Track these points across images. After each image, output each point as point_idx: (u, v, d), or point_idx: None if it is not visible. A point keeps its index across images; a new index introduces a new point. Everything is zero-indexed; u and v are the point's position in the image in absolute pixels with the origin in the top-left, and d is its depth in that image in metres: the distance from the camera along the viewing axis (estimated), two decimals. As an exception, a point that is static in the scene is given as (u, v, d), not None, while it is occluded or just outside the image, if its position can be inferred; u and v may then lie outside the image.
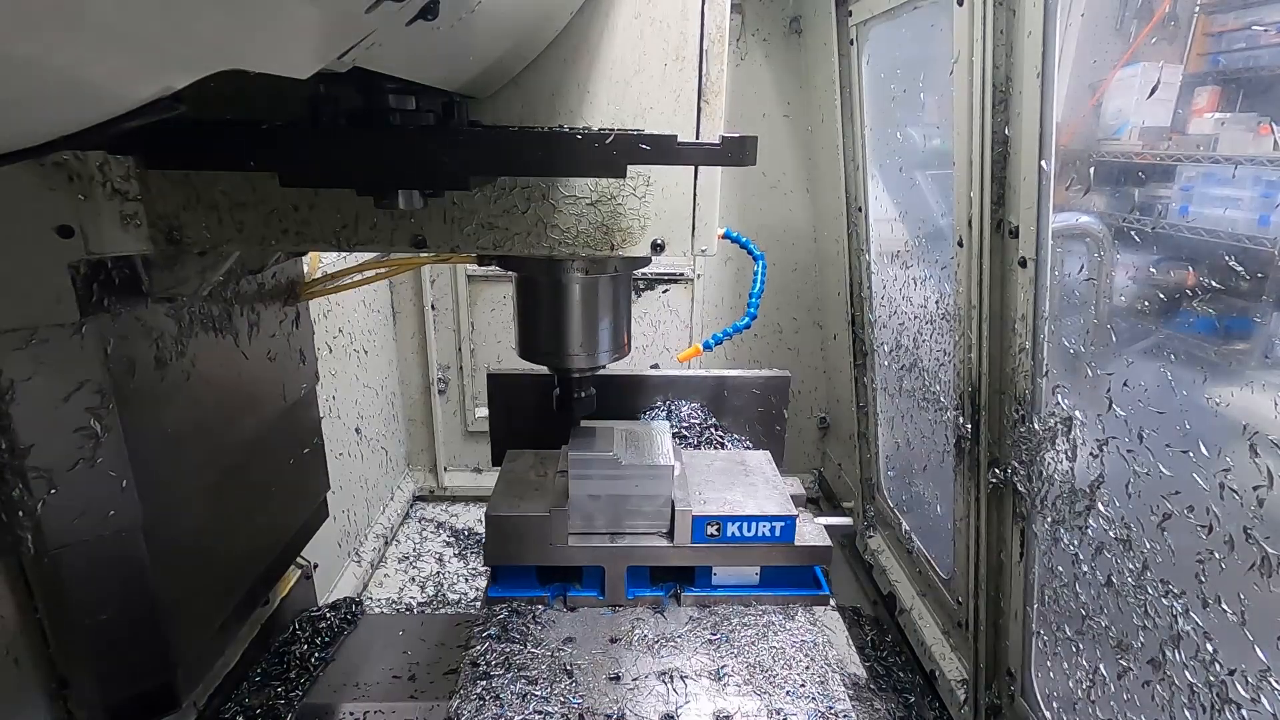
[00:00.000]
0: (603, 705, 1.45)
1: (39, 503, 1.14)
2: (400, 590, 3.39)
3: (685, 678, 1.52)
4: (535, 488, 1.84)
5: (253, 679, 1.78)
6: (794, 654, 1.60)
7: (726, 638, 1.65)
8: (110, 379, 1.18)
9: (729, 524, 1.71)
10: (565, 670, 1.54)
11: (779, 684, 1.51)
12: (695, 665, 1.56)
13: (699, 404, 2.21)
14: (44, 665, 1.23)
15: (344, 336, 3.18)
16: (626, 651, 1.60)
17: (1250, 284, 1.31)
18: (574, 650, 1.60)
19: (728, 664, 1.56)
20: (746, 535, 1.72)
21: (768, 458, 2.02)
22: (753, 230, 3.82)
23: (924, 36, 2.32)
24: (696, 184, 1.13)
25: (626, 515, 1.75)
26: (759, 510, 1.73)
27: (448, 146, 0.91)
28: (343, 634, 2.02)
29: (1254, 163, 1.52)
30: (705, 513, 1.71)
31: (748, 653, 1.60)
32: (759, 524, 1.72)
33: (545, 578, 1.79)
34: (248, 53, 0.55)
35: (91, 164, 1.02)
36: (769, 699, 1.47)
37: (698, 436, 2.17)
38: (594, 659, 1.57)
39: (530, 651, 1.59)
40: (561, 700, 1.46)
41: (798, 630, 1.67)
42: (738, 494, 1.80)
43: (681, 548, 1.72)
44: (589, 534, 1.74)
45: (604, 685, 1.50)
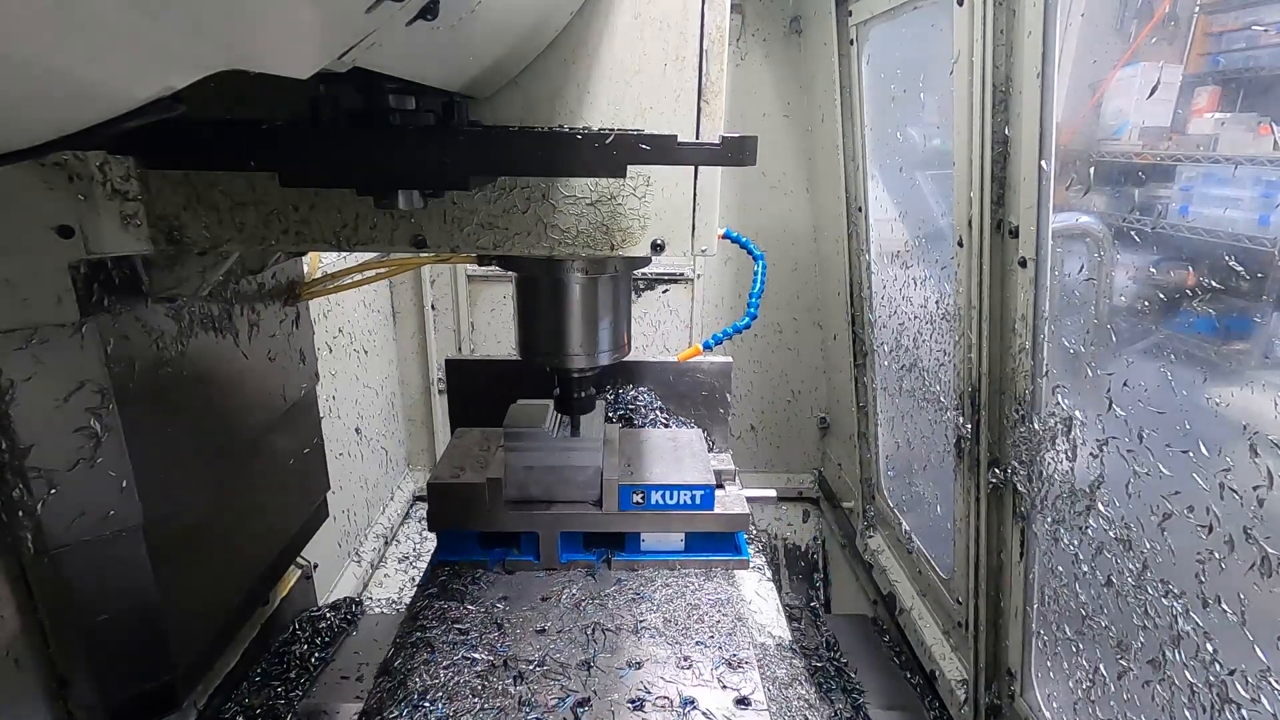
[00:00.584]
0: (526, 653, 1.56)
1: (39, 503, 1.14)
2: (400, 590, 3.39)
3: (606, 630, 1.64)
4: (478, 461, 1.97)
5: (253, 679, 1.78)
6: (707, 610, 1.72)
7: (648, 598, 1.77)
8: (110, 379, 1.18)
9: (653, 492, 1.85)
10: (496, 624, 1.65)
11: (690, 635, 1.63)
12: (617, 621, 1.67)
13: (646, 388, 2.36)
14: (44, 665, 1.23)
15: (344, 336, 3.18)
16: (555, 608, 1.72)
17: (1250, 284, 1.31)
18: (507, 607, 1.72)
19: (646, 619, 1.68)
20: (669, 503, 1.86)
21: (699, 435, 2.17)
22: (753, 230, 3.82)
23: (924, 36, 2.32)
24: (696, 184, 1.13)
25: (559, 485, 1.87)
26: (681, 480, 1.86)
27: (448, 146, 0.91)
28: (343, 634, 2.02)
29: (1254, 163, 1.53)
30: (631, 482, 1.84)
31: (665, 609, 1.72)
32: (680, 492, 1.86)
33: (487, 544, 1.91)
34: (248, 53, 0.55)
35: (91, 164, 1.02)
36: (679, 648, 1.59)
37: (643, 419, 2.30)
38: (524, 615, 1.69)
39: (465, 608, 1.71)
40: (489, 648, 1.58)
41: (713, 590, 1.80)
42: (665, 466, 1.93)
43: (609, 514, 1.85)
44: (525, 502, 1.87)
45: (530, 637, 1.62)
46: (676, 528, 1.88)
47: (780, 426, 4.27)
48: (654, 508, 1.86)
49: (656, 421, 2.31)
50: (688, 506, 1.86)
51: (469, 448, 2.05)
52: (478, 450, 2.03)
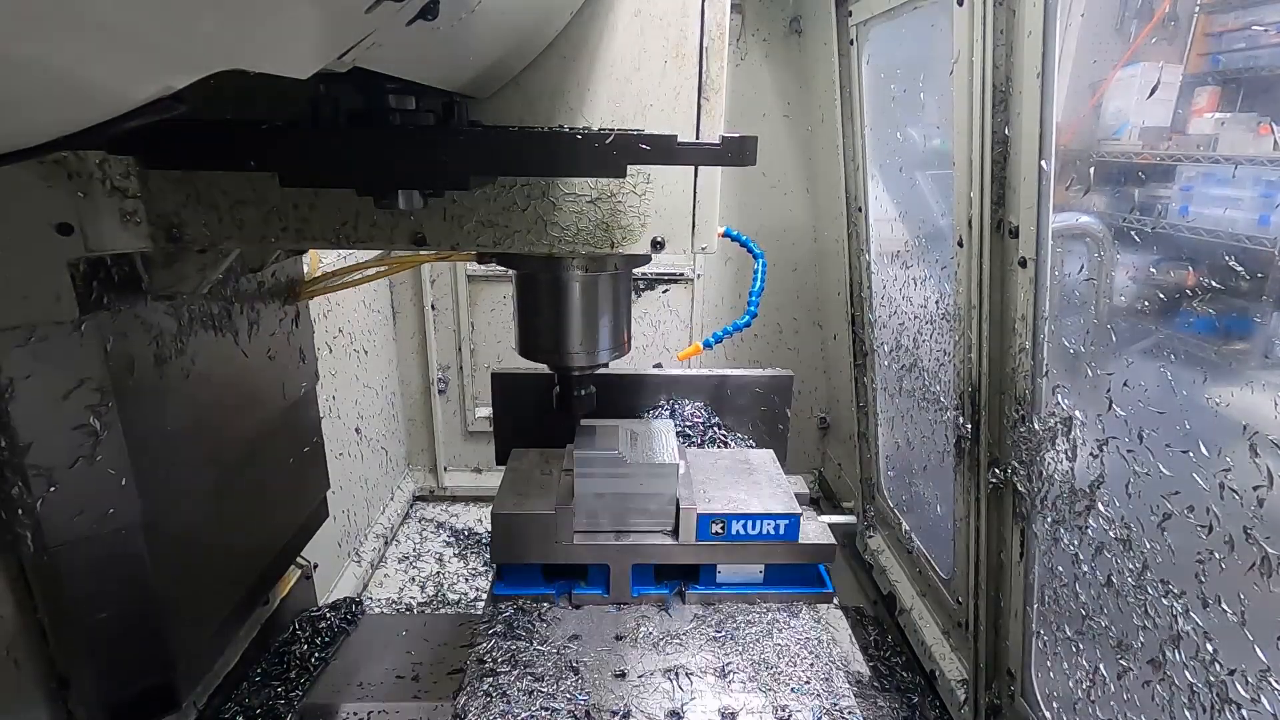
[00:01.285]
0: (609, 702, 1.45)
1: (38, 501, 1.14)
2: (400, 590, 3.39)
3: (690, 674, 1.53)
4: (540, 486, 1.85)
5: (253, 679, 1.78)
6: (798, 651, 1.60)
7: (731, 635, 1.65)
8: (110, 377, 1.18)
9: (734, 522, 1.72)
10: (571, 667, 1.54)
11: (784, 681, 1.52)
12: (700, 662, 1.57)
13: (702, 403, 2.22)
14: (44, 664, 1.23)
15: (344, 336, 3.18)
16: (632, 649, 1.60)
17: (1250, 284, 1.31)
18: (579, 647, 1.60)
19: (732, 661, 1.56)
20: (751, 533, 1.73)
21: (772, 456, 2.03)
22: (753, 230, 3.80)
23: (924, 36, 2.32)
24: (697, 182, 1.13)
25: (631, 513, 1.76)
26: (763, 508, 1.74)
27: (448, 146, 0.91)
28: (343, 634, 2.02)
29: (1254, 163, 1.52)
30: (710, 510, 1.72)
31: (752, 650, 1.60)
32: (763, 522, 1.73)
33: (550, 575, 1.80)
34: (248, 53, 0.55)
35: (91, 162, 1.02)
36: (774, 696, 1.47)
37: (701, 435, 2.18)
38: (599, 656, 1.58)
39: (536, 649, 1.60)
40: (568, 697, 1.46)
41: (801, 628, 1.68)
42: (742, 492, 1.81)
43: (686, 545, 1.73)
44: (594, 532, 1.75)
45: (610, 682, 1.50)
46: (757, 559, 1.76)
47: (780, 426, 4.27)
48: (734, 538, 1.73)
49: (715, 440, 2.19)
50: (770, 537, 1.74)
51: (529, 471, 1.93)
52: (539, 474, 1.90)
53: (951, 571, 2.51)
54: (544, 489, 1.82)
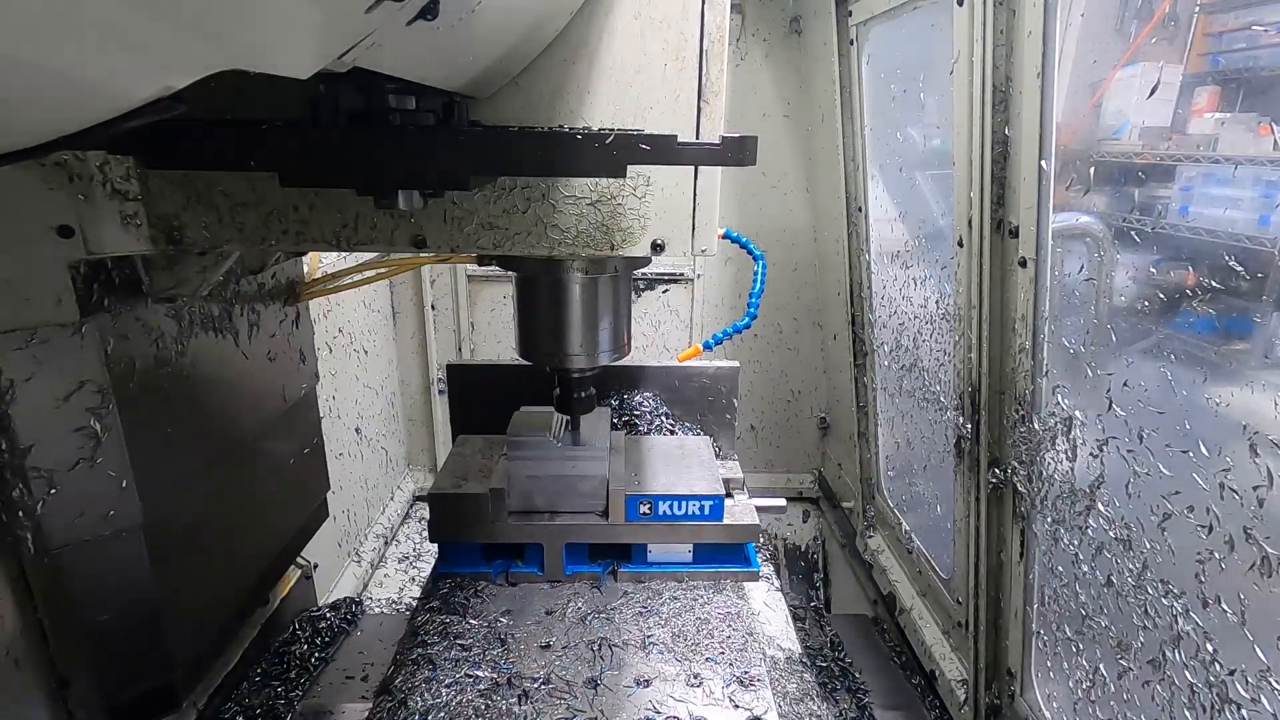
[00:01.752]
0: (531, 670, 1.52)
1: (39, 503, 1.14)
2: (400, 590, 3.39)
3: (613, 646, 1.59)
4: (479, 470, 1.91)
5: (253, 679, 1.78)
6: (717, 624, 1.67)
7: (656, 610, 1.72)
8: (110, 379, 1.18)
9: (660, 503, 1.80)
10: (500, 639, 1.61)
11: (700, 651, 1.59)
12: (624, 635, 1.63)
13: (651, 394, 2.30)
14: (44, 665, 1.23)
15: (344, 336, 3.18)
16: (560, 623, 1.67)
17: (1250, 284, 1.31)
18: (510, 621, 1.67)
19: (654, 634, 1.64)
20: (677, 514, 1.81)
21: (706, 443, 2.11)
22: (753, 230, 3.81)
23: (924, 36, 2.32)
24: (696, 184, 1.13)
25: (564, 495, 1.82)
26: (689, 490, 1.81)
27: (448, 146, 0.91)
28: (343, 634, 2.02)
29: (1254, 163, 1.53)
30: (637, 492, 1.79)
31: (674, 623, 1.68)
32: (689, 502, 1.80)
33: (490, 555, 1.86)
34: (248, 53, 0.55)
35: (91, 164, 1.02)
36: (689, 664, 1.54)
37: (648, 425, 2.25)
38: (528, 630, 1.65)
39: (469, 623, 1.67)
40: (493, 665, 1.53)
41: (723, 603, 1.75)
42: (671, 476, 1.87)
43: (615, 525, 1.80)
44: (528, 513, 1.82)
45: (535, 653, 1.57)
46: (684, 539, 1.83)
47: (780, 426, 4.27)
48: (661, 518, 1.81)
49: (662, 428, 2.26)
50: (696, 517, 1.81)
51: (471, 456, 1.99)
52: (480, 459, 1.97)
53: (951, 571, 2.51)
54: (483, 472, 1.89)
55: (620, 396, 2.28)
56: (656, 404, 2.29)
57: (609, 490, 1.78)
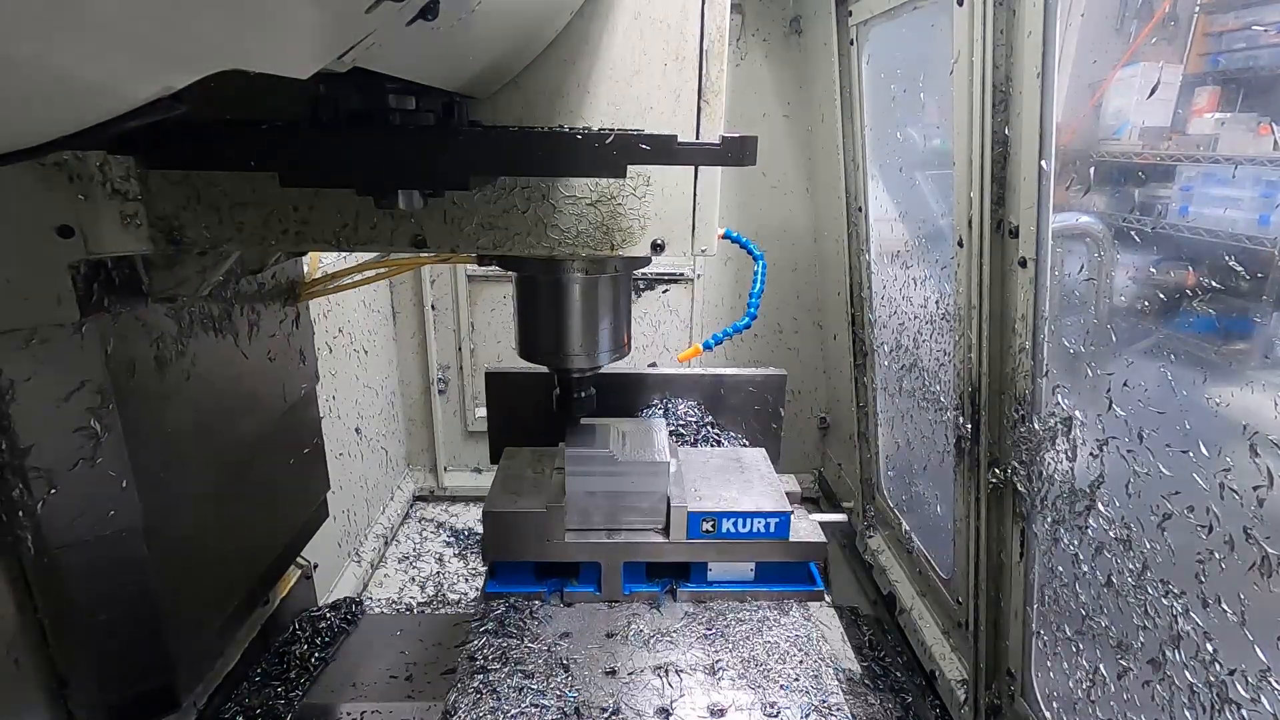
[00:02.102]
0: (599, 699, 1.46)
1: (39, 503, 1.14)
2: (400, 590, 3.39)
3: (680, 672, 1.53)
4: (533, 484, 1.84)
5: (253, 679, 1.78)
6: (788, 649, 1.60)
7: (721, 633, 1.66)
8: (110, 379, 1.18)
9: (724, 520, 1.73)
10: (561, 665, 1.54)
11: (773, 678, 1.52)
12: (690, 660, 1.57)
13: (695, 402, 2.22)
14: (44, 665, 1.23)
15: (344, 336, 3.18)
16: (622, 646, 1.60)
17: (1250, 284, 1.31)
18: (570, 645, 1.61)
19: (722, 658, 1.57)
20: (741, 531, 1.74)
21: (763, 455, 2.03)
22: (753, 230, 3.82)
23: (924, 36, 2.32)
24: (696, 184, 1.13)
25: (623, 511, 1.76)
26: (754, 506, 1.74)
27: (448, 146, 0.91)
28: (343, 634, 2.02)
29: (1254, 163, 1.52)
30: (701, 509, 1.72)
31: (742, 647, 1.61)
32: (754, 520, 1.73)
33: (542, 574, 1.80)
34: (248, 53, 0.55)
35: (91, 164, 1.02)
36: (763, 693, 1.48)
37: (694, 434, 2.18)
38: (590, 654, 1.58)
39: (527, 646, 1.60)
40: (558, 694, 1.47)
41: (792, 625, 1.69)
42: (733, 491, 1.80)
43: (677, 543, 1.74)
44: (586, 530, 1.75)
45: (600, 679, 1.51)
46: (748, 557, 1.77)
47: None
48: (725, 536, 1.74)
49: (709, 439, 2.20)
50: (761, 535, 1.75)
51: (521, 470, 1.93)
52: (530, 472, 1.90)
53: (951, 571, 2.51)
54: (536, 487, 1.82)
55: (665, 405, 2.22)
56: (701, 414, 2.23)
57: (670, 507, 1.72)
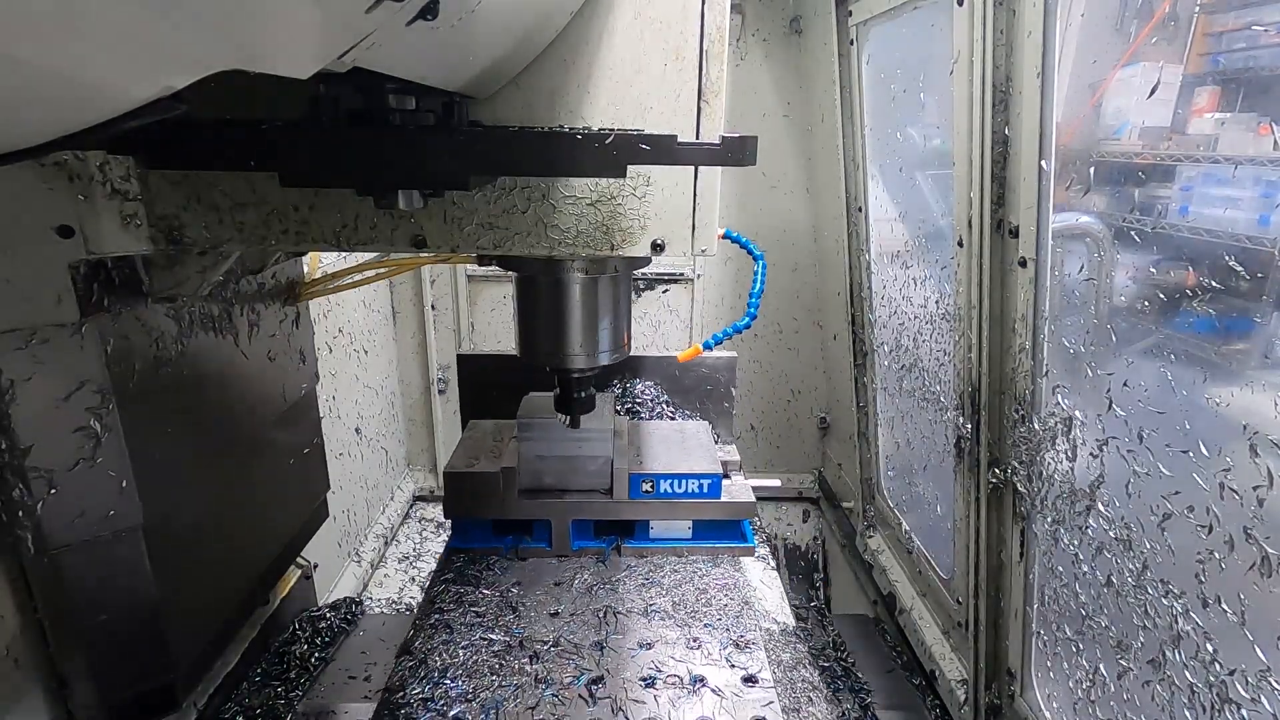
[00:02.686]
0: (541, 634, 1.62)
1: (39, 503, 1.14)
2: (400, 590, 3.39)
3: (618, 613, 1.70)
4: (491, 451, 2.02)
5: (253, 679, 1.78)
6: (715, 594, 1.79)
7: (658, 582, 1.84)
8: (110, 379, 1.18)
9: (661, 481, 1.92)
10: (511, 607, 1.72)
11: (698, 618, 1.70)
12: (628, 604, 1.74)
13: (652, 382, 2.42)
14: (44, 665, 1.23)
15: (344, 336, 3.18)
16: (567, 593, 1.78)
17: (1250, 284, 1.31)
18: (521, 591, 1.78)
19: (656, 602, 1.75)
20: (677, 491, 1.93)
21: (705, 427, 2.24)
22: (753, 230, 3.81)
23: (924, 36, 2.32)
24: (696, 184, 1.13)
25: (571, 474, 1.94)
26: (689, 469, 1.92)
27: (448, 146, 0.91)
28: (343, 634, 2.02)
29: (1254, 163, 1.52)
30: (640, 471, 1.91)
31: (674, 593, 1.79)
32: (688, 480, 1.92)
33: (500, 531, 1.97)
34: (248, 53, 0.55)
35: (91, 164, 1.02)
36: (688, 629, 1.65)
37: (650, 412, 2.36)
38: (538, 599, 1.76)
39: (481, 593, 1.77)
40: (505, 629, 1.64)
41: (720, 575, 1.88)
42: (674, 457, 2.00)
43: (619, 502, 1.92)
44: (537, 490, 1.94)
45: (545, 619, 1.68)
46: (684, 516, 1.94)
47: (780, 426, 4.27)
48: (663, 496, 1.91)
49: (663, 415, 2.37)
50: (695, 495, 1.92)
51: (482, 438, 2.10)
52: (491, 441, 2.08)
53: (951, 571, 2.51)
54: (494, 453, 2.00)
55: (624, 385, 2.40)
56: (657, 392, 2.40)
57: (613, 469, 1.89)
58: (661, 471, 1.91)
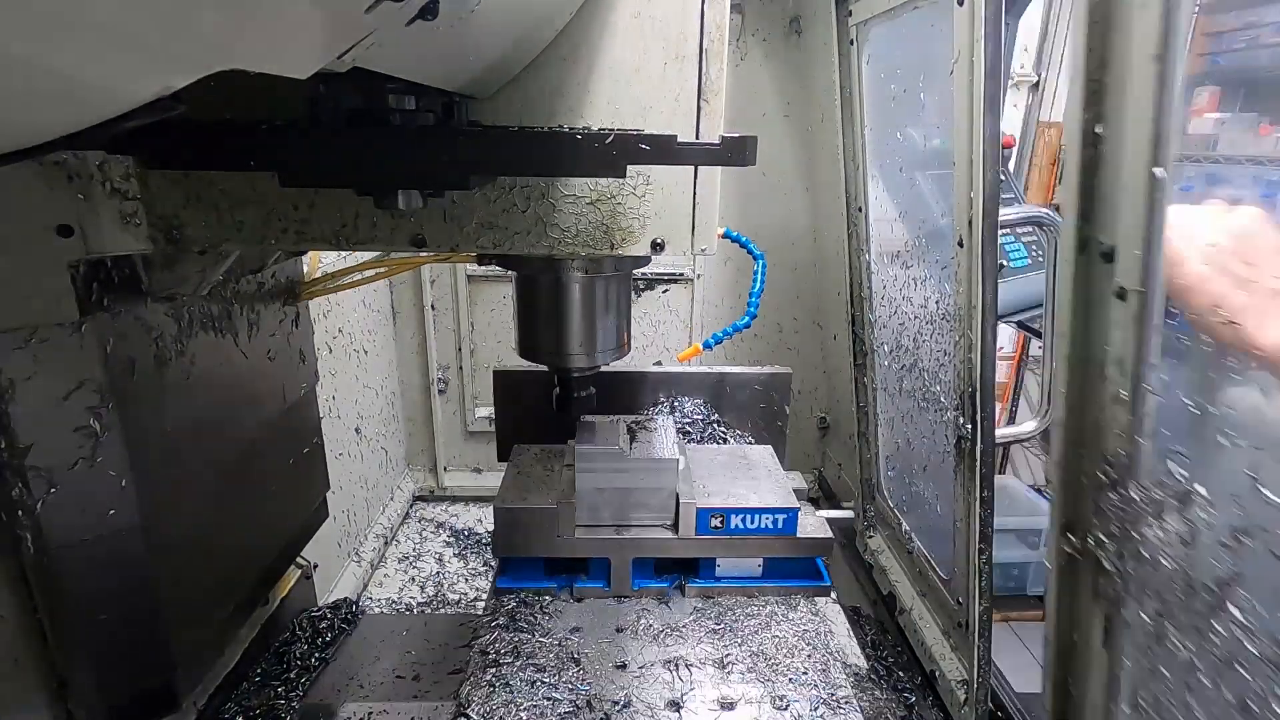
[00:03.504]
0: (610, 692, 1.47)
1: (38, 502, 1.14)
2: (400, 590, 3.39)
3: (690, 666, 1.54)
4: (542, 481, 1.87)
5: (253, 679, 1.78)
6: (796, 643, 1.62)
7: (730, 627, 1.67)
8: (110, 378, 1.18)
9: (732, 516, 1.75)
10: (573, 658, 1.56)
11: (781, 672, 1.54)
12: (700, 654, 1.58)
13: (701, 400, 2.25)
14: (43, 665, 1.23)
15: (344, 336, 3.18)
16: (632, 640, 1.62)
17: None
18: (581, 639, 1.63)
19: (731, 652, 1.59)
20: (749, 527, 1.76)
21: (770, 452, 2.04)
22: (753, 230, 3.79)
23: (924, 36, 2.32)
24: (696, 184, 1.13)
25: (632, 508, 1.78)
26: (761, 503, 1.76)
27: (448, 146, 0.91)
28: (343, 634, 2.02)
29: (1254, 163, 1.52)
30: (709, 505, 1.75)
31: (750, 642, 1.63)
32: (762, 516, 1.76)
33: (552, 569, 1.82)
34: (248, 53, 0.55)
35: (91, 163, 1.02)
36: (772, 686, 1.49)
37: (700, 432, 2.20)
38: (601, 648, 1.60)
39: (538, 640, 1.62)
40: (570, 687, 1.48)
41: (800, 620, 1.70)
42: (741, 487, 1.83)
43: (686, 539, 1.76)
44: (595, 526, 1.78)
45: (611, 673, 1.53)
46: (756, 553, 1.79)
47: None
48: (733, 532, 1.77)
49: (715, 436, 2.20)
50: (769, 531, 1.77)
51: (530, 467, 1.96)
52: (540, 469, 1.94)
53: (951, 571, 2.51)
54: (546, 484, 1.85)
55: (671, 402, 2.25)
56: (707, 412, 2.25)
57: (679, 503, 1.74)
58: (733, 505, 1.75)
